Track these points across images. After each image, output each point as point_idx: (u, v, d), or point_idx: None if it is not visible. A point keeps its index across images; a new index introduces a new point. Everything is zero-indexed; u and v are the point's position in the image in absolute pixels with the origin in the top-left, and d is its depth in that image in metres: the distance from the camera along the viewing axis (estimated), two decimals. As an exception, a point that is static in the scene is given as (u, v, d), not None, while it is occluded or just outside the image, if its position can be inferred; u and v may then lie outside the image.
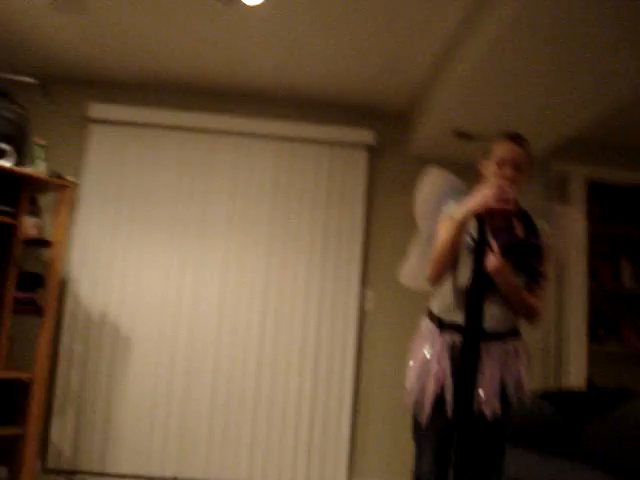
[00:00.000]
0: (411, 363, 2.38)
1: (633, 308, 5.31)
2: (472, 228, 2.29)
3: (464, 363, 2.19)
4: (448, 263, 2.27)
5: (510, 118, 3.83)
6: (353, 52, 3.87)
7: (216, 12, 3.44)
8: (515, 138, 2.36)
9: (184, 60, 4.16)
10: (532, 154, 2.39)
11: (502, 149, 2.34)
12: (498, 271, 2.17)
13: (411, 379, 2.33)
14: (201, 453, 4.20)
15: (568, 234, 2.50)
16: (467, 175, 2.74)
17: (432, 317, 2.37)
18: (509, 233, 2.21)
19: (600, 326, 5.11)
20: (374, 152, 4.65)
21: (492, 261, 2.17)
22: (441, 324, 2.31)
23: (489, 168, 2.37)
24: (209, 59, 4.12)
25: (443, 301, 2.35)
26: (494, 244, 2.18)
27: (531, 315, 2.29)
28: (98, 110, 4.40)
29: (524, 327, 2.37)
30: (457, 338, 2.24)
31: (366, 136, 4.54)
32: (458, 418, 2.19)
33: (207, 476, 4.17)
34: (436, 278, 2.33)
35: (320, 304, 4.40)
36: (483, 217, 2.25)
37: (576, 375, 4.53)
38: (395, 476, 4.33)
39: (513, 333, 2.30)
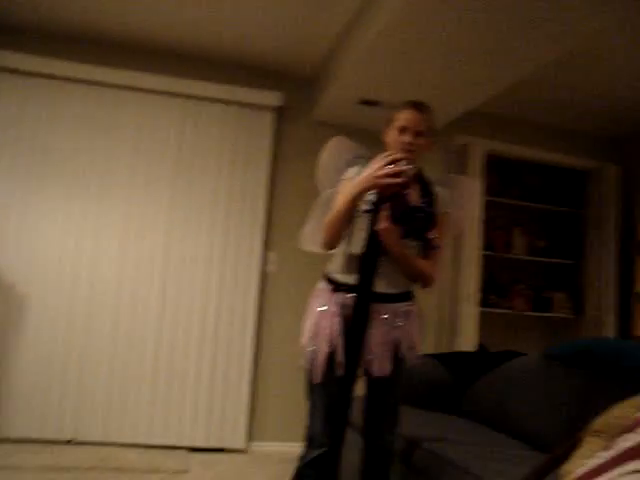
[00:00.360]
0: (306, 323, 2.40)
1: (522, 275, 5.63)
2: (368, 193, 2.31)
3: (354, 322, 2.23)
4: (340, 230, 2.30)
5: (413, 88, 3.93)
6: (263, 15, 3.84)
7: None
8: (416, 105, 2.37)
9: (93, 12, 3.99)
10: (434, 122, 2.42)
11: (403, 116, 2.35)
12: (386, 236, 2.20)
13: (305, 338, 2.37)
14: (99, 415, 4.14)
15: (466, 203, 2.55)
16: (372, 141, 2.81)
17: (327, 278, 2.40)
18: (402, 200, 2.21)
19: (492, 292, 5.38)
20: (281, 115, 4.66)
21: (381, 226, 2.19)
22: (334, 285, 2.34)
23: (391, 136, 2.38)
24: (119, 13, 3.98)
25: (338, 263, 2.38)
26: (385, 210, 2.20)
27: (422, 280, 2.33)
28: (2, 57, 4.17)
29: (421, 293, 2.42)
30: (349, 299, 2.27)
31: (273, 98, 4.53)
32: (347, 376, 2.23)
33: (105, 438, 4.13)
34: (329, 243, 2.35)
35: (222, 265, 4.40)
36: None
37: (468, 339, 4.76)
38: (295, 438, 4.43)
39: (405, 296, 2.34)
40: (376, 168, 2.19)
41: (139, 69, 4.40)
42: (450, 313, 4.89)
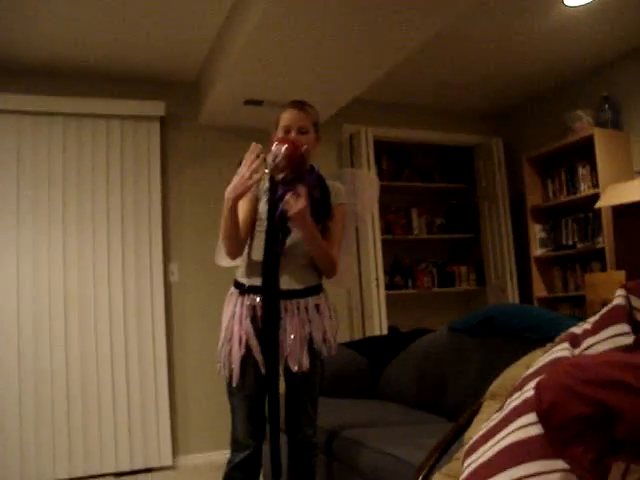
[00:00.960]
0: (222, 329, 2.42)
1: (425, 254, 5.78)
2: (264, 194, 2.38)
3: (265, 322, 2.28)
4: (235, 238, 2.29)
5: (293, 83, 3.97)
6: (138, 23, 3.77)
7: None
8: (296, 104, 2.42)
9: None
10: (317, 117, 2.47)
11: (286, 117, 2.39)
12: (301, 214, 2.18)
13: (220, 344, 2.39)
14: (14, 453, 3.93)
15: (363, 195, 2.66)
16: (259, 140, 2.81)
17: (236, 284, 2.42)
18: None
19: (398, 274, 5.51)
20: (167, 124, 4.59)
21: (296, 205, 2.17)
22: (242, 288, 2.36)
23: (278, 137, 2.37)
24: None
25: (244, 267, 2.40)
26: (298, 196, 2.19)
27: (328, 264, 2.37)
28: None
29: (329, 287, 2.50)
30: (257, 300, 2.31)
31: (156, 108, 4.46)
32: (267, 375, 2.28)
33: (24, 478, 3.91)
34: (232, 253, 2.36)
35: (125, 281, 4.30)
36: (275, 182, 2.32)
37: (379, 323, 4.85)
38: (220, 445, 4.39)
39: (312, 290, 2.38)
40: (241, 169, 2.21)
41: (13, 90, 4.18)
42: (359, 299, 4.97)
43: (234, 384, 2.32)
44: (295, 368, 2.29)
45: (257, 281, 2.32)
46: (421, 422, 2.66)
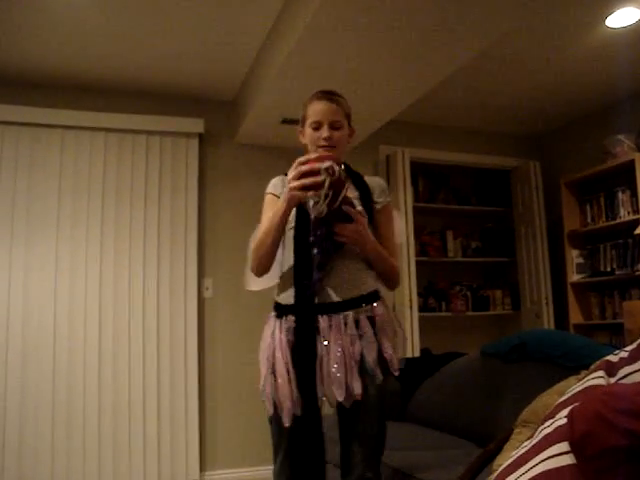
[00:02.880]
0: (260, 359, 2.09)
1: (459, 276, 5.73)
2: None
3: (298, 347, 1.96)
4: (268, 253, 2.05)
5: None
6: (179, 42, 3.84)
7: (44, 3, 3.31)
8: (328, 95, 2.14)
9: (4, 50, 3.89)
10: (349, 108, 2.18)
11: (316, 110, 2.11)
12: (360, 231, 1.97)
13: (262, 379, 2.05)
14: (45, 465, 3.97)
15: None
16: (295, 159, 2.80)
17: (275, 305, 2.12)
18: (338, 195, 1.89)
19: (432, 296, 5.46)
20: (205, 141, 4.65)
21: (356, 222, 1.95)
22: (279, 309, 2.07)
23: (307, 135, 2.15)
24: (29, 50, 3.89)
25: (280, 285, 2.11)
26: (347, 208, 1.94)
27: (396, 274, 2.13)
28: None
29: None
30: (293, 320, 2.01)
31: (196, 125, 4.52)
32: (307, 413, 1.94)
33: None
34: (257, 268, 2.11)
35: (159, 297, 4.34)
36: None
37: (412, 345, 4.80)
38: (247, 463, 4.39)
39: (364, 300, 2.01)
40: (289, 178, 1.91)
41: (57, 106, 4.31)
42: (392, 321, 4.92)
43: (286, 424, 1.95)
44: (341, 398, 1.89)
45: (292, 298, 2.01)
46: (450, 447, 2.61)
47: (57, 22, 3.56)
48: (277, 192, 2.23)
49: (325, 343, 1.93)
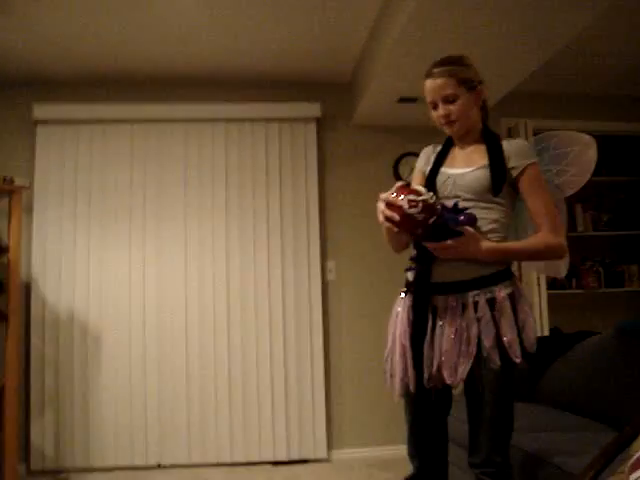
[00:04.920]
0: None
1: (590, 252, 5.47)
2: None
3: (414, 328, 1.97)
4: (395, 243, 2.12)
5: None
6: (291, 27, 3.87)
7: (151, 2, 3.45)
8: (430, 71, 2.11)
9: (122, 52, 4.12)
10: (465, 71, 2.10)
11: (426, 91, 2.11)
12: (461, 250, 1.91)
13: (385, 352, 2.12)
14: (182, 438, 4.25)
15: (580, 158, 2.26)
16: (414, 137, 2.79)
17: (405, 281, 2.11)
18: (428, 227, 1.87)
19: (560, 272, 5.24)
20: (322, 125, 4.69)
21: (448, 246, 1.90)
22: (407, 286, 2.08)
23: (431, 116, 2.14)
24: (146, 48, 4.08)
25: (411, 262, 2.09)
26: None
27: (553, 253, 2.03)
28: (43, 111, 4.33)
29: None
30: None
31: (313, 109, 4.56)
32: (419, 390, 1.97)
33: (190, 461, 4.23)
34: (395, 248, 2.17)
35: (284, 281, 4.45)
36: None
37: (540, 324, 4.65)
38: (373, 443, 4.44)
39: (486, 281, 1.96)
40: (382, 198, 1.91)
41: (180, 101, 4.52)
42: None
43: (395, 397, 2.06)
44: (449, 380, 1.91)
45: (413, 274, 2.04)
46: (584, 430, 2.52)
47: (171, 19, 3.70)
48: (419, 166, 2.25)
49: (440, 323, 1.95)
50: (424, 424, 2.08)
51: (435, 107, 2.09)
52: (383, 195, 1.90)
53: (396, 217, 1.83)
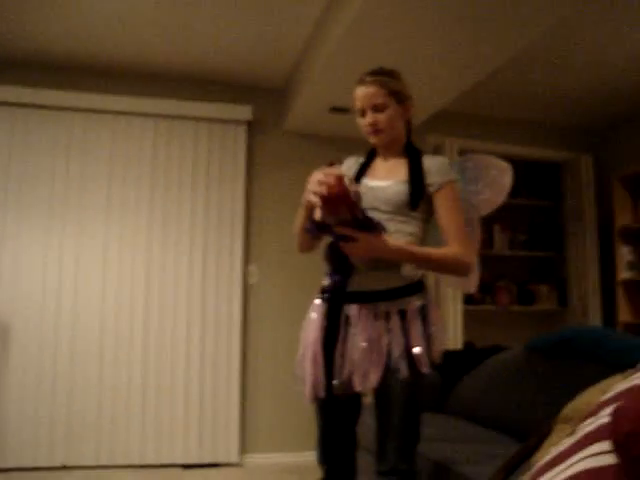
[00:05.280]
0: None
1: (505, 270, 5.65)
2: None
3: (327, 331, 1.97)
4: (304, 240, 2.12)
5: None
6: (229, 30, 3.87)
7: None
8: (363, 80, 2.09)
9: (58, 37, 4.00)
10: (396, 84, 2.11)
11: (356, 97, 2.10)
12: (370, 252, 1.88)
13: (298, 355, 2.13)
14: (90, 439, 4.12)
15: (493, 183, 2.32)
16: (343, 148, 2.80)
17: (321, 287, 2.11)
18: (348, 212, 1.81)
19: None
20: (253, 128, 4.68)
21: (355, 250, 1.86)
22: (322, 292, 2.08)
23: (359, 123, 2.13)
24: (82, 37, 3.98)
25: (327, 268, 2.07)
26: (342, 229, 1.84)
27: (458, 266, 1.98)
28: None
29: None
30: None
31: (244, 112, 4.55)
32: (329, 396, 1.98)
33: (98, 462, 4.11)
34: (299, 249, 2.18)
35: (204, 282, 4.41)
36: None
37: (455, 337, 4.77)
38: (286, 448, 4.43)
39: (400, 292, 1.97)
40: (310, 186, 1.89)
41: (109, 92, 4.40)
42: (435, 313, 4.90)
43: (305, 402, 2.05)
44: (359, 388, 1.92)
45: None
46: (490, 441, 2.59)
47: (107, 9, 3.62)
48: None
49: (352, 332, 1.96)
50: (333, 430, 2.10)
51: (363, 114, 2.10)
52: (320, 170, 1.85)
53: (326, 192, 1.75)
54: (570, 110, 5.21)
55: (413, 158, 2.09)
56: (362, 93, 2.08)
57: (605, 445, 0.98)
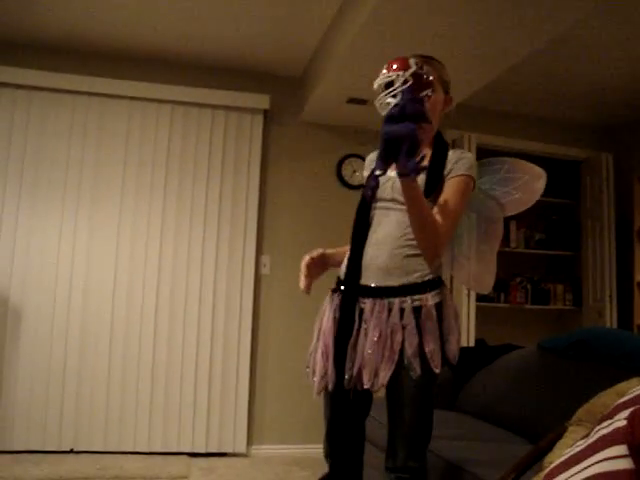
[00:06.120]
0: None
1: (520, 268, 5.60)
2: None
3: (339, 327, 1.95)
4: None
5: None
6: (247, 17, 3.83)
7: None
8: (416, 57, 2.09)
9: (76, 22, 3.98)
10: (445, 73, 2.13)
11: None
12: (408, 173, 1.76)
13: (310, 347, 2.10)
14: (99, 424, 4.13)
15: (526, 186, 2.25)
16: (360, 139, 2.78)
17: (337, 280, 2.11)
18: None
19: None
20: (269, 117, 4.65)
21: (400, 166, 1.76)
22: (337, 283, 2.08)
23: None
24: (103, 23, 3.96)
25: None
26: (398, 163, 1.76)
27: (431, 236, 1.91)
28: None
29: None
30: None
31: (261, 101, 4.51)
32: (337, 389, 1.94)
33: (105, 447, 4.11)
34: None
35: (216, 269, 4.39)
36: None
37: (467, 334, 4.73)
38: (293, 440, 4.42)
39: (414, 289, 1.93)
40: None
41: (125, 77, 4.38)
42: (448, 309, 4.86)
43: (314, 394, 2.02)
44: (367, 384, 1.88)
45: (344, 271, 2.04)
46: (501, 441, 2.56)
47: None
48: (365, 175, 2.17)
49: (365, 326, 1.92)
50: (341, 424, 2.07)
51: None
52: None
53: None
54: (591, 108, 5.13)
55: (438, 150, 2.05)
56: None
57: (621, 449, 0.95)
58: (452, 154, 2.04)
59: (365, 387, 1.89)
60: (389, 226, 1.98)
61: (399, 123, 1.73)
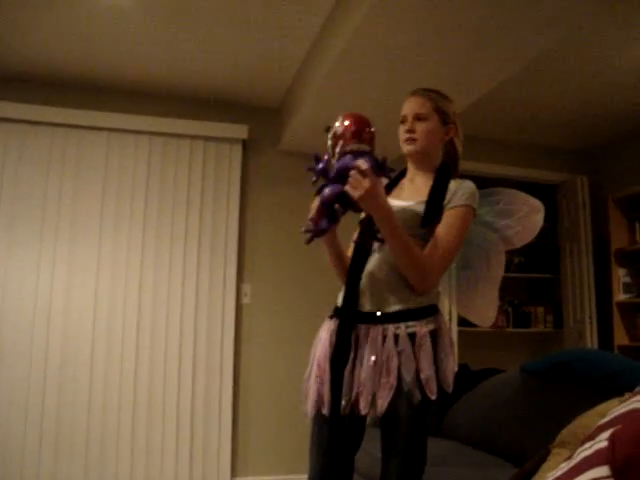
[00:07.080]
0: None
1: (501, 292, 5.61)
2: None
3: (335, 352, 1.92)
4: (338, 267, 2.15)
5: (376, 112, 3.92)
6: (225, 49, 3.87)
7: (91, 9, 3.38)
8: (415, 91, 2.14)
9: (53, 54, 3.99)
10: (445, 104, 2.11)
11: (403, 108, 2.11)
12: (368, 195, 1.76)
13: (305, 374, 2.06)
14: (79, 461, 4.03)
15: (526, 219, 2.26)
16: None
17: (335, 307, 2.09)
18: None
19: (472, 310, 5.37)
20: (248, 147, 4.67)
21: (361, 185, 1.77)
22: (334, 310, 2.06)
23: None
24: (78, 54, 3.97)
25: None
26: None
27: (417, 269, 1.88)
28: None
29: None
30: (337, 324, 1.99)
31: (239, 131, 4.54)
32: (334, 415, 1.88)
33: (87, 484, 4.04)
34: (341, 277, 2.15)
35: (197, 299, 4.36)
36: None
37: (450, 358, 4.72)
38: (278, 471, 4.37)
39: (411, 315, 1.91)
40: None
41: (104, 109, 4.38)
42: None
43: (307, 415, 1.98)
44: (364, 411, 1.84)
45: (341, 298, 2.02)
46: (486, 465, 2.56)
47: (104, 26, 3.62)
48: None
49: (361, 352, 1.89)
50: (331, 454, 1.97)
51: (404, 121, 2.09)
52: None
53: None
54: (566, 132, 5.22)
55: (440, 179, 2.02)
56: (409, 101, 2.11)
57: (603, 470, 0.95)
58: (453, 184, 2.01)
59: (362, 413, 1.84)
60: (385, 254, 1.98)
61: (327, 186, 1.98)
